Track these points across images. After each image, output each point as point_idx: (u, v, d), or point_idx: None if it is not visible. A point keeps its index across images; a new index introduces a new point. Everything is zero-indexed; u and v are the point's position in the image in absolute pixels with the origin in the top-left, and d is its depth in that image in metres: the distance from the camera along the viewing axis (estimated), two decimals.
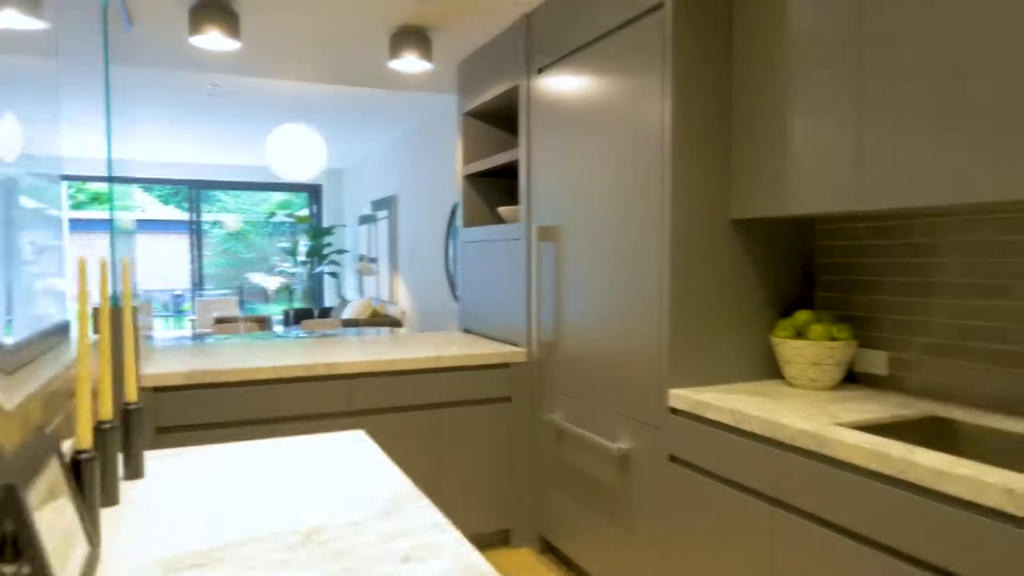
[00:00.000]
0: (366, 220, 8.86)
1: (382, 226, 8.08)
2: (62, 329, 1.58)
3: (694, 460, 1.97)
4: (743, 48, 2.06)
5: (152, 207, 18.49)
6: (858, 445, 1.47)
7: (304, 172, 4.95)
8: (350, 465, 1.38)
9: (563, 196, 2.65)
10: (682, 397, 2.02)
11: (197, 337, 8.32)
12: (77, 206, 17.11)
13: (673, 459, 2.09)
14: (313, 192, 10.89)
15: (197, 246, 10.36)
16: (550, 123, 2.74)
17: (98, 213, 17.10)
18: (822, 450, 1.55)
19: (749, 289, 2.17)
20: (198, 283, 10.36)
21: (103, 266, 1.35)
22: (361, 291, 9.17)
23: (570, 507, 2.66)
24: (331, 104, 6.11)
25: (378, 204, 8.25)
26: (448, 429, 2.82)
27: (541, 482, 2.89)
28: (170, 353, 2.90)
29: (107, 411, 1.25)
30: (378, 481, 1.28)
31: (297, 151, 4.88)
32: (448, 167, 6.10)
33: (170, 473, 1.34)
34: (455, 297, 5.88)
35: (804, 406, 1.82)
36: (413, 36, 3.11)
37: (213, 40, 2.84)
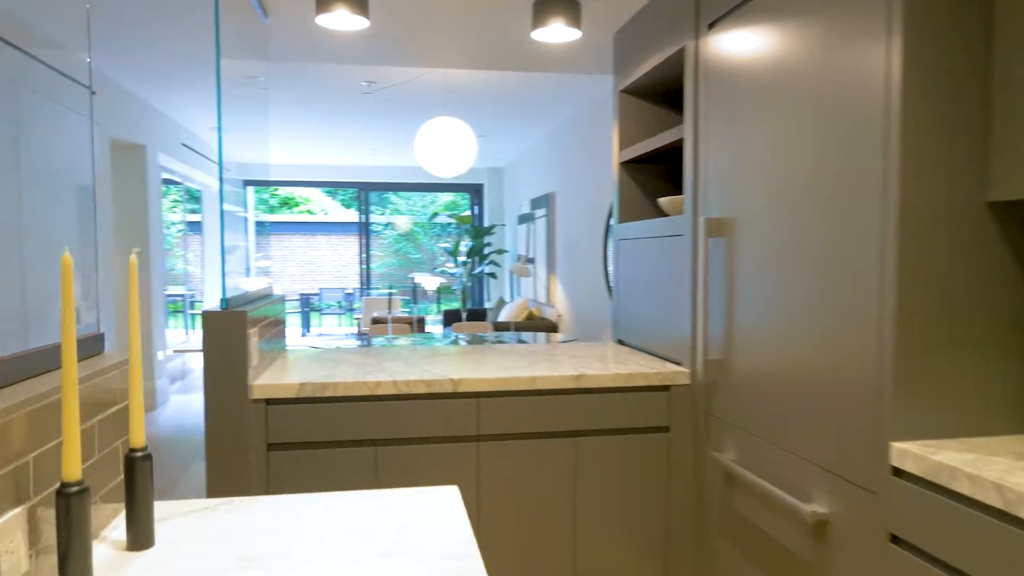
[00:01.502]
0: (525, 219, 8.62)
1: (540, 225, 7.77)
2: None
3: (930, 549, 1.37)
4: None
5: (334, 210, 19.67)
6: None
7: (454, 168, 4.71)
8: (419, 543, 0.98)
9: (739, 181, 2.11)
10: (912, 455, 1.42)
11: (361, 336, 8.47)
12: (269, 210, 18.55)
13: (896, 540, 1.49)
14: (475, 192, 10.85)
15: (366, 247, 10.67)
16: (724, 91, 2.20)
17: (288, 216, 18.43)
18: None
19: (1015, 299, 1.52)
20: (366, 282, 10.66)
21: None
22: (518, 292, 8.94)
23: (741, 570, 2.11)
24: (486, 97, 5.86)
25: (536, 202, 7.96)
26: (592, 461, 2.37)
27: (704, 533, 2.35)
28: (295, 360, 2.70)
29: (138, 438, 0.95)
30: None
31: (446, 146, 4.64)
32: (607, 159, 5.63)
33: (189, 535, 1.01)
34: None
35: None
36: (560, 1, 2.69)
37: (340, 19, 2.60)
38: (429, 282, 9.59)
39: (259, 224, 17.23)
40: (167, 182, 7.09)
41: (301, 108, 6.44)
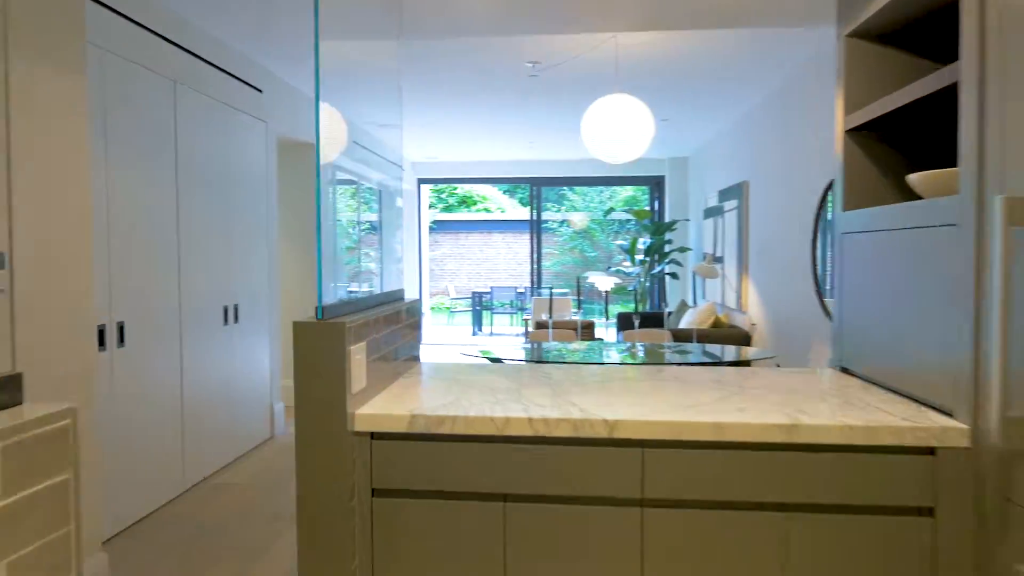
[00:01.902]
0: (711, 213, 7.73)
1: (729, 219, 6.88)
2: None
3: None
4: None
5: (512, 208, 19.66)
6: None
7: (627, 152, 4.07)
8: None
9: None
10: None
11: (528, 340, 8.06)
12: (447, 209, 18.92)
13: None
14: (655, 185, 10.06)
15: (537, 244, 10.27)
16: None
17: (467, 215, 18.67)
18: None
19: None
20: (537, 281, 10.27)
21: None
22: (703, 295, 8.05)
23: None
24: (667, 74, 5.14)
25: (725, 193, 7.06)
26: (808, 550, 1.65)
27: None
28: (420, 380, 2.23)
29: None
30: None
31: (616, 127, 4.01)
32: (814, 137, 4.68)
33: None
34: (826, 313, 4.46)
35: None
36: None
37: None
38: (603, 282, 8.98)
39: (436, 223, 17.58)
40: (343, 182, 7.20)
41: (465, 99, 6.12)
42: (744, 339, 5.72)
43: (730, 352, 4.55)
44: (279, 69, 5.06)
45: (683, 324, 7.38)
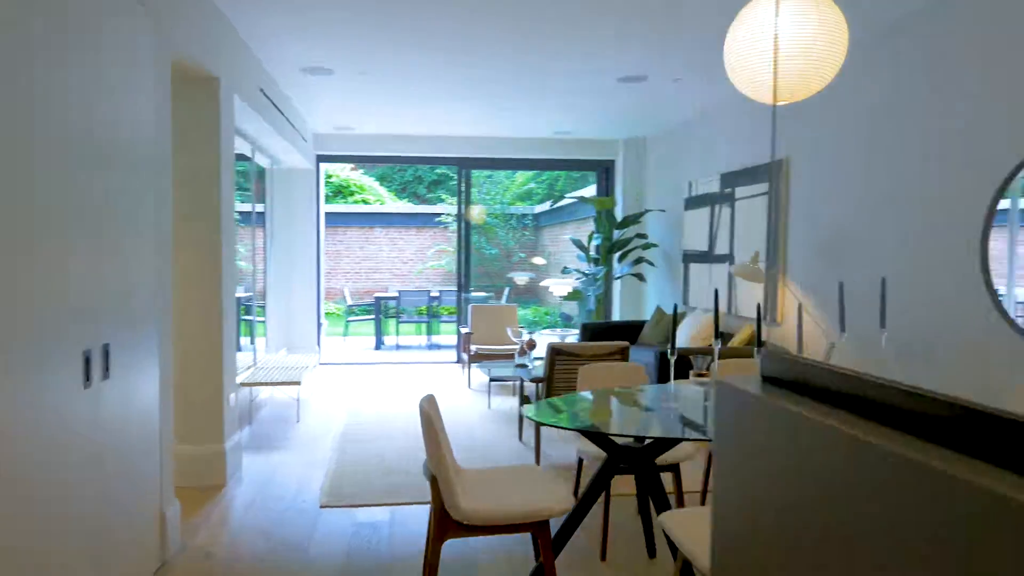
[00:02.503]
0: (702, 202, 6.35)
1: (747, 208, 5.49)
2: None
3: None
4: None
5: (391, 200, 17.53)
6: None
7: (813, 78, 2.48)
8: None
9: None
10: None
11: (522, 371, 6.30)
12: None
13: None
14: (604, 170, 8.59)
15: (465, 240, 8.45)
16: None
17: (345, 207, 16.31)
18: None
19: None
20: (464, 284, 8.44)
21: None
22: (684, 299, 6.63)
23: None
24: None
25: (738, 177, 5.65)
26: None
27: None
28: None
29: None
30: None
31: (794, 38, 2.40)
32: (967, 92, 3.30)
33: None
34: (1020, 332, 3.12)
35: None
36: None
37: None
38: (558, 287, 7.36)
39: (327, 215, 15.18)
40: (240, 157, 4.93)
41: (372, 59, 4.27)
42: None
43: None
44: None
45: (684, 338, 5.94)
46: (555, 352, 4.12)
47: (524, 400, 4.89)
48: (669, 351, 3.23)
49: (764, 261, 5.20)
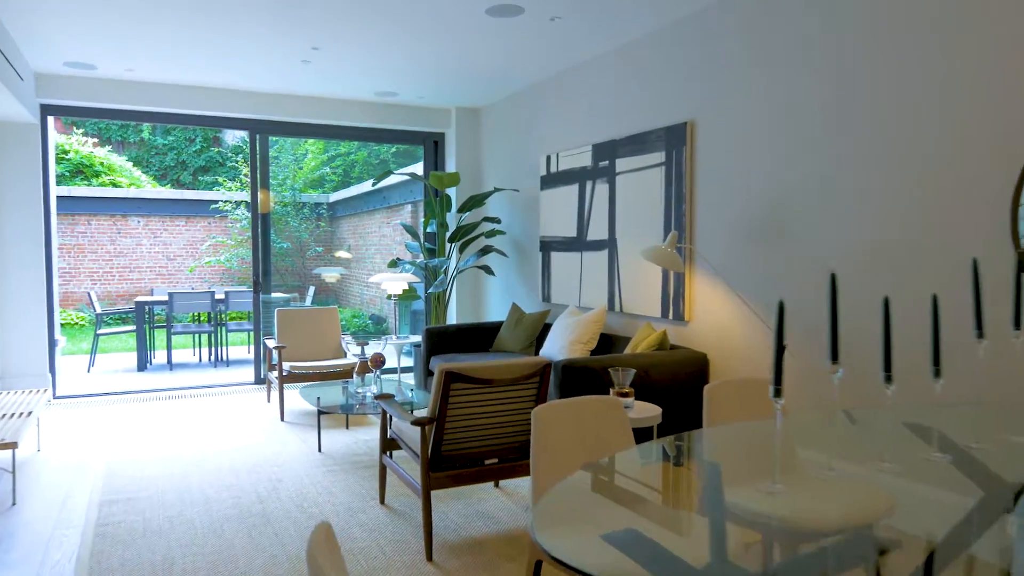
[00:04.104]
0: (566, 179, 5.28)
1: (631, 183, 4.50)
2: None
3: None
4: None
5: (148, 184, 14.59)
6: None
7: None
8: None
9: None
10: None
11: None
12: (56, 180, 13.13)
13: None
14: (434, 144, 7.26)
15: (263, 228, 6.65)
16: None
17: (88, 190, 13.14)
18: None
19: None
20: (263, 282, 6.65)
21: None
22: (545, 293, 5.51)
23: None
24: None
25: (617, 147, 4.64)
26: None
27: None
28: None
29: None
30: None
31: None
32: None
33: None
34: None
35: None
36: None
37: None
38: (392, 284, 5.92)
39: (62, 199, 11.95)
40: None
41: None
42: (698, 365, 3.41)
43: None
44: None
45: (560, 344, 4.83)
46: (450, 378, 2.75)
47: (387, 446, 3.45)
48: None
49: (622, 246, 4.20)
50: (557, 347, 4.87)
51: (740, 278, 3.93)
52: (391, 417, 3.44)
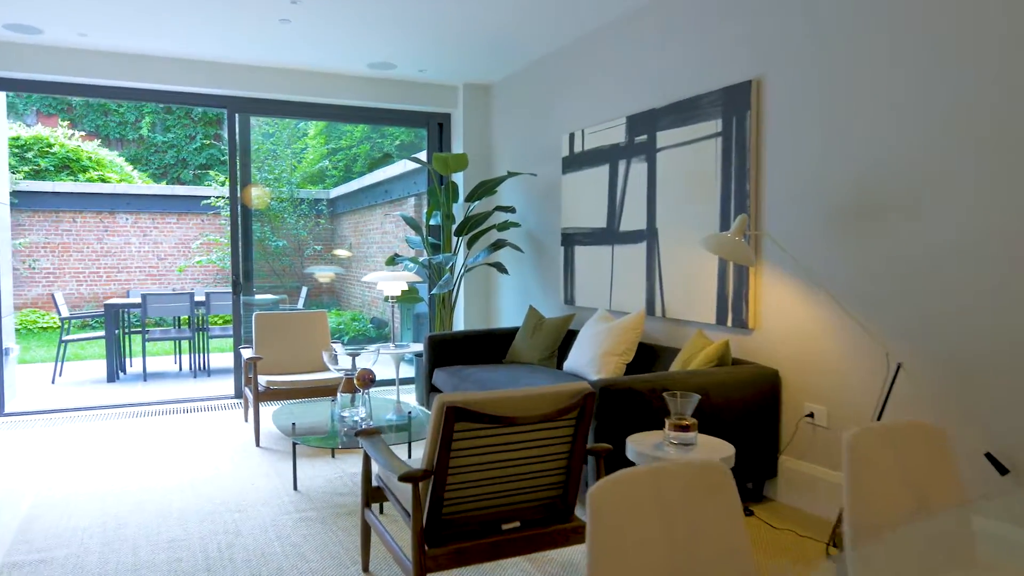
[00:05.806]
0: (594, 160, 4.40)
1: (676, 159, 3.62)
2: None
3: None
4: None
5: (140, 181, 13.84)
6: None
7: None
8: None
9: None
10: None
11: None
12: (37, 176, 12.40)
13: None
14: (439, 127, 6.44)
15: (243, 223, 5.84)
16: None
17: (73, 186, 12.40)
18: None
19: None
20: (244, 282, 5.85)
21: None
22: (568, 294, 4.63)
23: None
24: None
25: (653, 118, 3.73)
26: None
27: None
28: None
29: None
30: None
31: None
32: None
33: None
34: None
35: None
36: None
37: None
38: (390, 284, 5.10)
39: (18, 195, 11.20)
40: None
41: None
42: (768, 388, 2.54)
43: None
44: None
45: (589, 357, 3.98)
46: (453, 415, 1.92)
47: (371, 497, 2.61)
48: None
49: (663, 237, 3.31)
50: (585, 359, 4.03)
51: (822, 274, 3.08)
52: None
